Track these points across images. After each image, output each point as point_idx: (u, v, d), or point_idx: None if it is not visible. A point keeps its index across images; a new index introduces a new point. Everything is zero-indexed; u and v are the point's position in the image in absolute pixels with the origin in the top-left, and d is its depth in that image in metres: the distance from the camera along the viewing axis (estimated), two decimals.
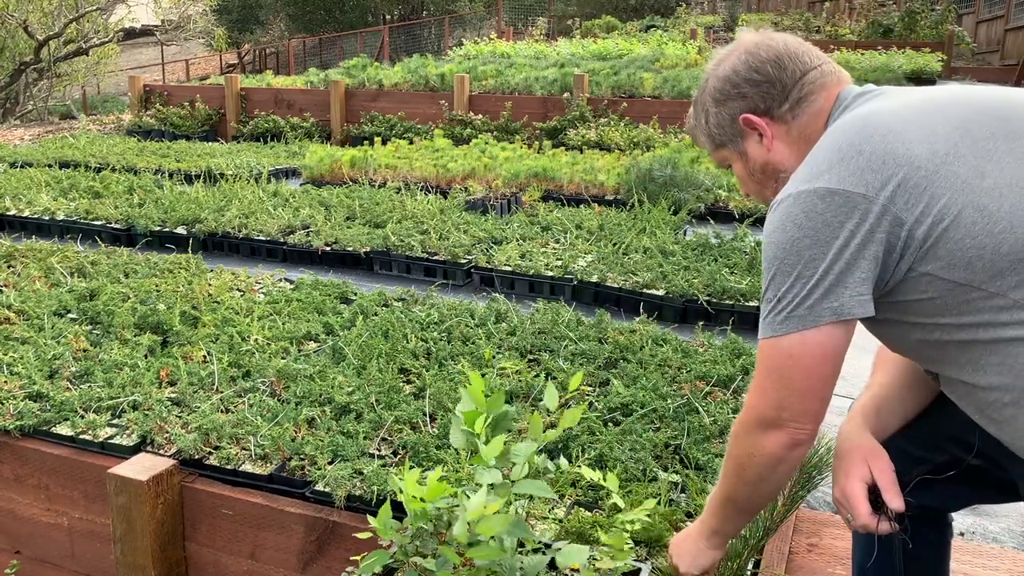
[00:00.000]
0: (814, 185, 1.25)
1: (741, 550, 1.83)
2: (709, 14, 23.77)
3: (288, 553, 2.42)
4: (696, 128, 1.59)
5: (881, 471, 1.42)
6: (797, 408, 1.31)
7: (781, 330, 1.29)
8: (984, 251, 1.18)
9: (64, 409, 2.81)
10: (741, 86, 1.46)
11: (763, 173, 1.51)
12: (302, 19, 26.43)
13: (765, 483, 1.41)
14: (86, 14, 16.27)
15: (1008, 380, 1.23)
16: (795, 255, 1.26)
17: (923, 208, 1.19)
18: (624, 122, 8.98)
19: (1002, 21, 16.91)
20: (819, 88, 1.43)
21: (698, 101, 1.57)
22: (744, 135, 1.50)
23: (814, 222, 1.24)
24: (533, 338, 3.34)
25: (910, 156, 1.21)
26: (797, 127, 1.44)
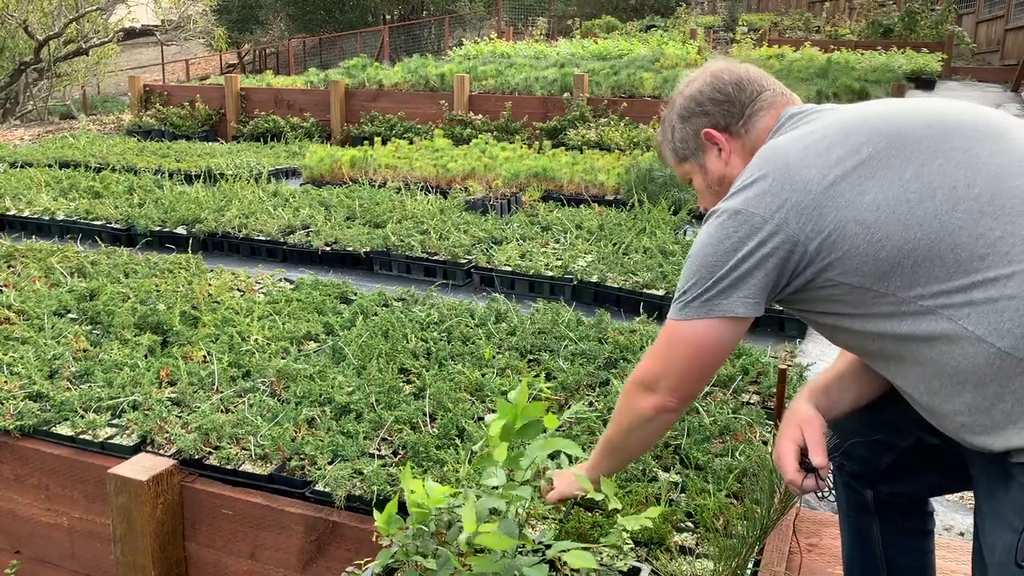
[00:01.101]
0: (728, 204, 1.46)
1: (740, 549, 1.83)
2: (709, 14, 23.77)
3: (288, 553, 2.42)
4: (663, 143, 1.77)
5: (810, 433, 1.54)
6: (673, 382, 1.57)
7: (680, 316, 1.52)
8: (867, 258, 1.35)
9: (64, 409, 2.81)
10: (705, 104, 1.65)
11: (720, 185, 1.66)
12: (302, 19, 26.43)
13: (634, 434, 1.68)
14: (86, 14, 16.26)
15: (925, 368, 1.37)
16: (702, 260, 1.48)
17: (813, 226, 1.37)
18: (624, 122, 8.98)
19: (1002, 21, 16.91)
20: (768, 106, 1.62)
21: (665, 119, 1.75)
22: (705, 149, 1.68)
23: (721, 236, 1.45)
24: (533, 338, 3.34)
25: (804, 181, 1.39)
26: (749, 141, 1.62)
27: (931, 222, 1.32)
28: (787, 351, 3.39)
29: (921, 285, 1.33)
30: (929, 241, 1.32)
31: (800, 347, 3.75)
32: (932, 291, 1.32)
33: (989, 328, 1.27)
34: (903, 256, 1.33)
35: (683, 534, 2.17)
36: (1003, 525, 1.29)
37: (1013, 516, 1.28)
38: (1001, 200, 1.30)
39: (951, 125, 1.40)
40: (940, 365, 1.33)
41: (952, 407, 1.34)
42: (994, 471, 1.34)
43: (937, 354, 1.33)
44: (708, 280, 1.46)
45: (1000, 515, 1.31)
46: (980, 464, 1.39)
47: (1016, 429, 1.27)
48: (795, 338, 3.84)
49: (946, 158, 1.36)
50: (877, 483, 1.69)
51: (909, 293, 1.34)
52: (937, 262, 1.31)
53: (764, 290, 1.44)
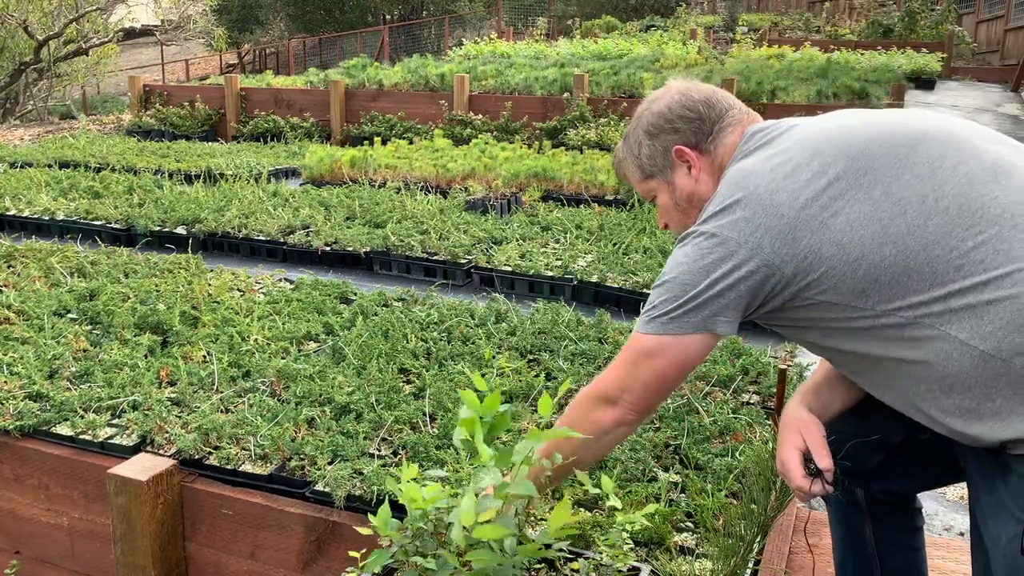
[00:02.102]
0: (704, 227, 1.47)
1: (738, 548, 1.83)
2: (709, 14, 23.77)
3: (288, 553, 2.42)
4: (626, 160, 1.75)
5: (811, 437, 1.55)
6: (635, 396, 1.57)
7: (648, 330, 1.53)
8: (845, 277, 1.37)
9: (64, 409, 2.81)
10: (675, 121, 1.65)
11: (688, 203, 1.67)
12: (302, 19, 26.42)
13: (587, 449, 1.63)
14: (86, 14, 16.26)
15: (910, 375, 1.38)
16: (675, 278, 1.49)
17: (788, 250, 1.39)
18: (624, 122, 8.97)
19: (1002, 21, 16.91)
20: (735, 123, 1.63)
21: (630, 135, 1.73)
22: (674, 167, 1.67)
23: (696, 256, 1.46)
24: (533, 338, 3.34)
25: (775, 205, 1.40)
26: (716, 158, 1.63)
27: (905, 238, 1.34)
28: (787, 351, 3.39)
29: (900, 298, 1.35)
30: (905, 257, 1.34)
31: (800, 347, 3.74)
32: (911, 303, 1.34)
33: (971, 332, 1.29)
34: (880, 273, 1.35)
35: (683, 534, 2.17)
36: (1006, 516, 1.31)
37: (1015, 507, 1.30)
38: (970, 210, 1.33)
39: (913, 139, 1.42)
40: (925, 372, 1.35)
41: (940, 410, 1.36)
42: (991, 464, 1.35)
43: (921, 361, 1.35)
44: (681, 298, 1.47)
45: (1002, 506, 1.32)
46: (975, 458, 1.40)
47: (1005, 423, 1.29)
48: None
49: (912, 173, 1.38)
50: (868, 481, 1.69)
51: (888, 306, 1.36)
52: (914, 276, 1.33)
53: (736, 310, 1.46)
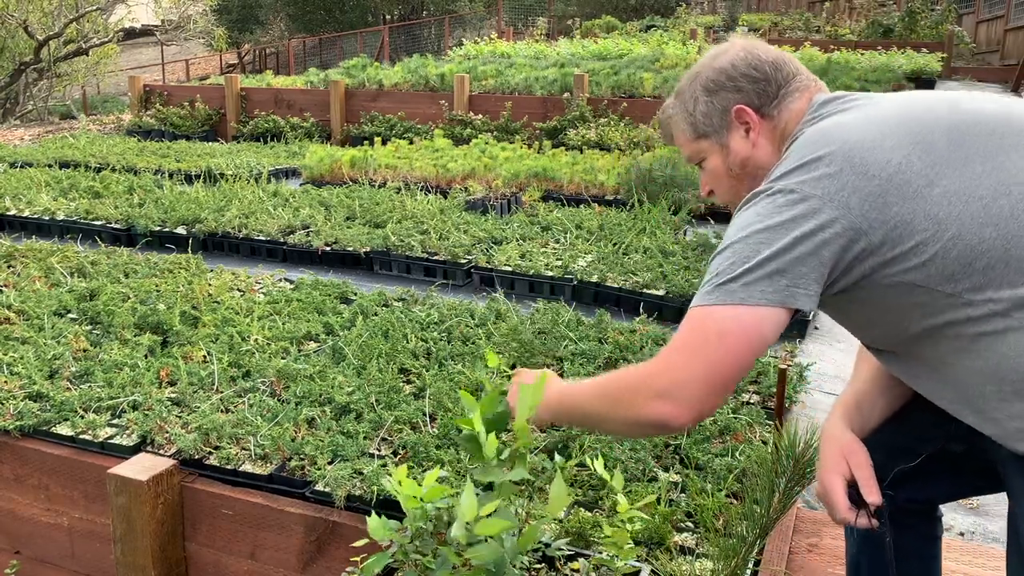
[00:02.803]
0: (778, 184, 1.31)
1: (739, 548, 1.83)
2: (709, 14, 23.78)
3: (288, 553, 2.42)
4: (676, 117, 1.59)
5: (858, 466, 1.45)
6: (694, 392, 1.28)
7: (712, 300, 1.27)
8: (935, 256, 1.24)
9: (64, 409, 2.81)
10: (738, 80, 1.50)
11: (742, 168, 1.52)
12: (302, 19, 26.42)
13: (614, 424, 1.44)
14: (86, 14, 16.26)
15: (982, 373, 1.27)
16: (746, 238, 1.29)
17: (877, 215, 1.25)
18: (624, 122, 8.98)
19: (1002, 21, 16.91)
20: (802, 90, 1.49)
21: (685, 90, 1.57)
22: (730, 128, 1.52)
23: (771, 212, 1.28)
24: (533, 338, 3.34)
25: (866, 165, 1.26)
26: (779, 124, 1.48)
27: (1008, 221, 1.22)
28: (787, 351, 3.39)
29: (992, 288, 1.23)
30: (1005, 242, 1.22)
31: (800, 347, 3.75)
32: (1004, 295, 1.22)
33: None
34: (975, 256, 1.23)
35: (683, 534, 2.17)
36: None
37: None
38: None
39: (1013, 120, 1.31)
40: (1004, 370, 1.25)
41: (1008, 412, 1.27)
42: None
43: (1002, 358, 1.24)
44: (753, 259, 1.26)
45: None
46: (1017, 465, 1.32)
47: None
48: (795, 338, 3.84)
49: (1019, 153, 1.26)
50: (892, 488, 1.61)
51: (978, 296, 1.24)
52: (1013, 264, 1.22)
53: (819, 283, 1.27)
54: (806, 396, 3.10)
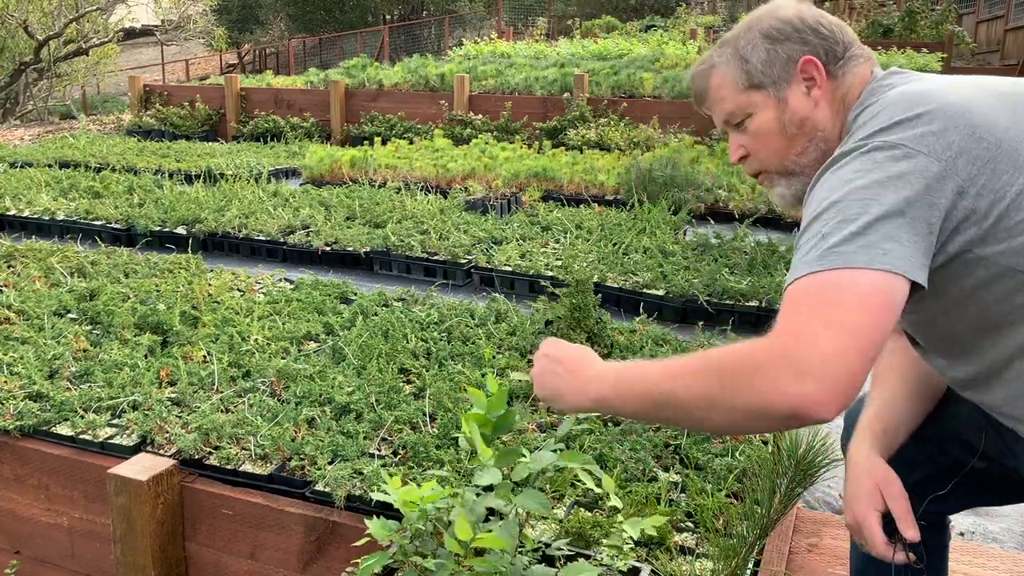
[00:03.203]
0: (876, 140, 1.15)
1: (739, 548, 1.83)
2: (709, 14, 23.76)
3: (288, 553, 2.42)
4: (725, 64, 1.39)
5: (894, 499, 1.37)
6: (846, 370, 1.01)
7: (832, 263, 1.06)
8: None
9: (64, 409, 2.81)
10: (805, 32, 1.36)
11: (799, 128, 1.35)
12: (302, 19, 26.43)
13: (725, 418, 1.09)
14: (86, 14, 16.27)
15: None
16: (850, 194, 1.11)
17: (985, 181, 1.11)
18: (624, 122, 8.98)
19: (1002, 21, 16.91)
20: (864, 58, 1.36)
21: (738, 38, 1.39)
22: (792, 81, 1.35)
23: (875, 171, 1.11)
24: (533, 338, 3.34)
25: (972, 127, 1.13)
26: (843, 88, 1.34)
27: None
28: None
29: None
30: None
31: None
32: None
33: None
34: None
35: (683, 534, 2.17)
36: None
37: None
38: None
39: None
40: None
41: None
42: None
43: None
44: (861, 218, 1.07)
45: None
46: None
47: None
48: None
49: None
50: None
51: None
52: None
53: (927, 254, 1.09)
54: None
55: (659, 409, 1.15)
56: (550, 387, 1.31)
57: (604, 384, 1.23)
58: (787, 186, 1.40)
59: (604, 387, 1.22)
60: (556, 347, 1.34)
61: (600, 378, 1.24)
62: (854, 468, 1.44)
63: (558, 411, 1.33)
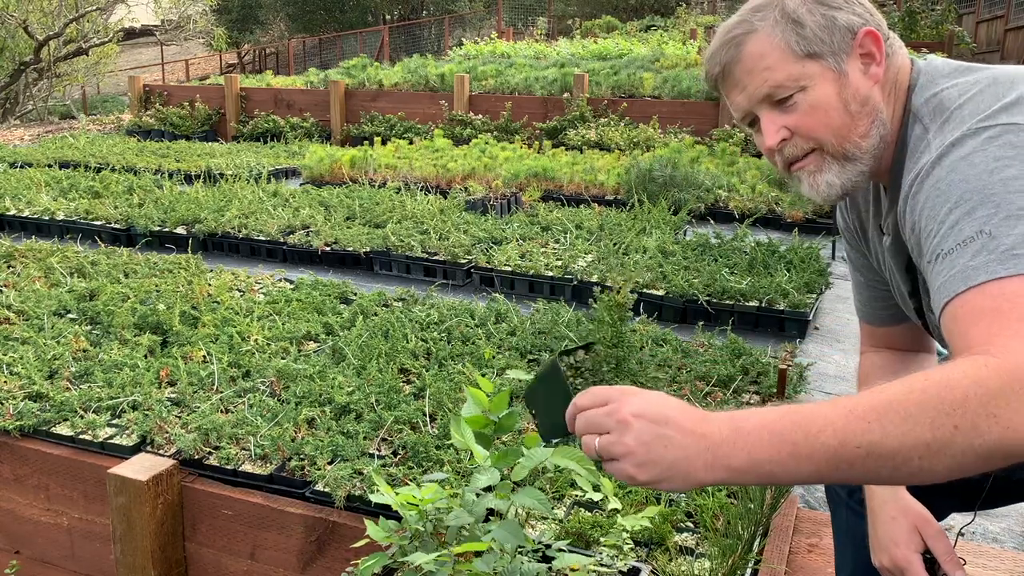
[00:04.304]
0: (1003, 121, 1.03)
1: (736, 547, 1.83)
2: (709, 14, 23.76)
3: (288, 553, 2.42)
4: (768, 28, 1.19)
5: (934, 539, 1.29)
6: None
7: (1011, 269, 0.93)
8: None
9: (64, 409, 2.81)
10: (855, 5, 1.20)
11: (862, 106, 1.19)
12: (302, 19, 26.43)
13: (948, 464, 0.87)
14: (86, 14, 16.27)
15: None
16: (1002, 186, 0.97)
17: None
18: (624, 122, 8.98)
19: (1002, 21, 16.91)
20: (900, 48, 1.25)
21: (784, 2, 1.20)
22: (850, 54, 1.18)
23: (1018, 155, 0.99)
24: (533, 338, 3.34)
25: None
26: (892, 70, 1.22)
27: None
28: (787, 351, 3.39)
29: None
30: None
31: (800, 347, 3.75)
32: None
33: None
34: None
35: (683, 534, 2.17)
36: None
37: None
38: None
39: None
40: None
41: None
42: None
43: None
44: None
45: None
46: None
47: None
48: (795, 338, 3.84)
49: None
50: None
51: None
52: None
53: None
54: (806, 396, 3.10)
55: (851, 467, 0.89)
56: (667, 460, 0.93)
57: (751, 445, 0.91)
58: (840, 173, 1.22)
59: (753, 449, 0.91)
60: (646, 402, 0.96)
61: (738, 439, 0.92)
62: (884, 507, 1.33)
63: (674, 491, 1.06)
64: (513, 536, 1.40)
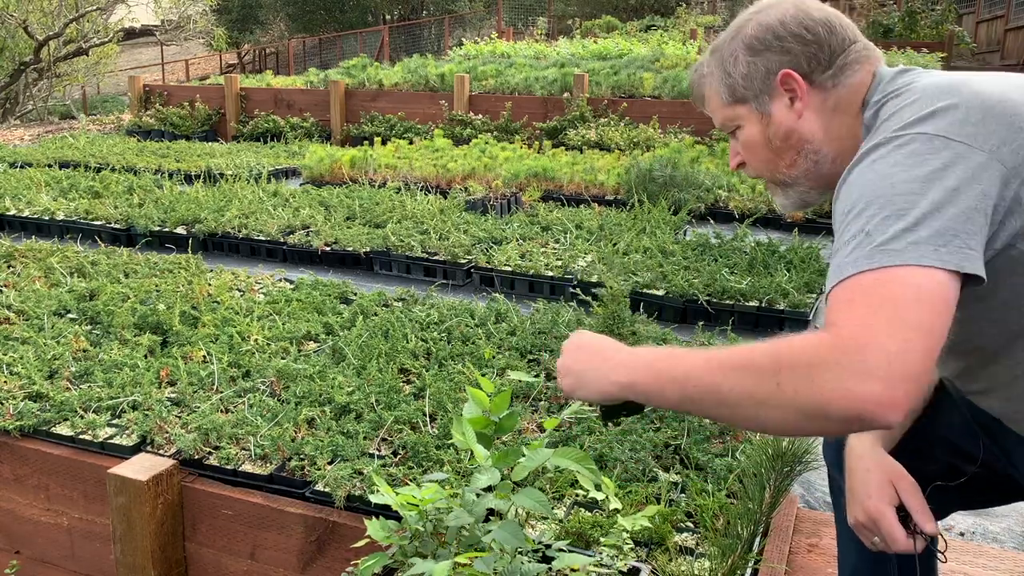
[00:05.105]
0: (913, 131, 1.10)
1: (735, 546, 1.83)
2: (709, 14, 23.76)
3: (288, 553, 2.42)
4: (711, 76, 1.38)
5: (908, 493, 1.34)
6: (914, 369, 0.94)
7: (883, 261, 1.00)
8: None
9: (64, 409, 2.80)
10: (787, 40, 1.30)
11: (784, 141, 1.32)
12: (302, 19, 26.43)
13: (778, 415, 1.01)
14: (86, 14, 16.27)
15: None
16: (893, 188, 1.05)
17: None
18: (624, 122, 8.98)
19: (1002, 21, 16.91)
20: (863, 60, 1.30)
21: (723, 47, 1.36)
22: (773, 95, 1.31)
23: (915, 162, 1.06)
24: (533, 338, 3.34)
25: (1007, 116, 1.09)
26: (835, 97, 1.29)
27: None
28: None
29: None
30: None
31: None
32: None
33: None
34: None
35: (683, 534, 2.17)
36: None
37: None
38: None
39: None
40: None
41: None
42: None
43: None
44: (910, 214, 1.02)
45: None
46: None
47: None
48: None
49: None
50: None
51: None
52: None
53: (981, 244, 1.03)
54: None
55: (698, 403, 1.08)
56: (574, 372, 1.23)
57: (633, 368, 1.15)
58: (783, 196, 1.40)
59: (634, 371, 1.15)
60: (580, 335, 1.27)
61: (629, 363, 1.16)
62: (859, 462, 1.40)
63: (582, 400, 1.26)
64: (513, 537, 1.40)
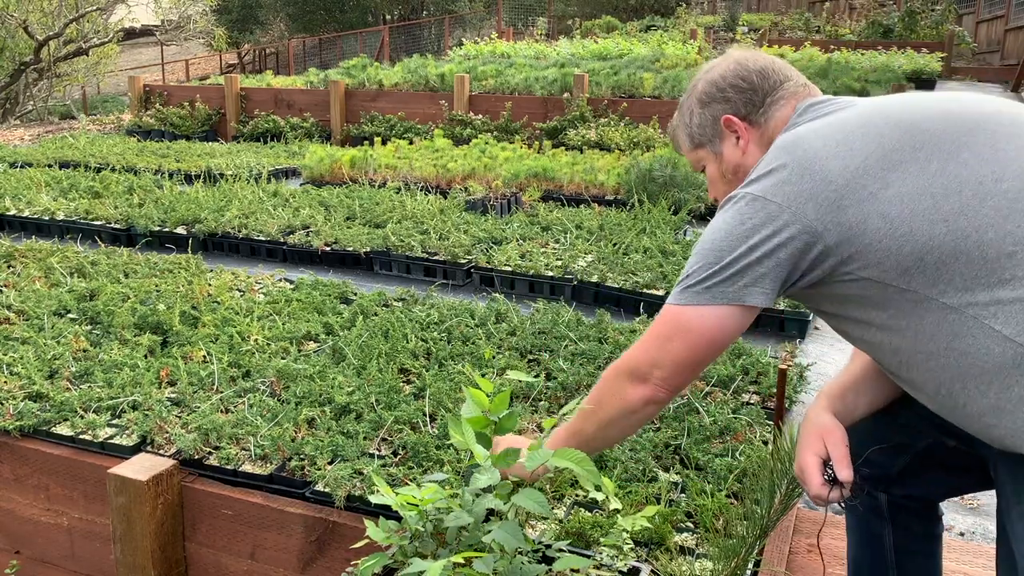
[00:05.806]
0: (745, 190, 1.42)
1: (739, 549, 1.83)
2: (709, 14, 23.75)
3: (288, 553, 2.42)
4: (679, 128, 1.73)
5: (833, 444, 1.51)
6: (667, 372, 1.49)
7: (683, 300, 1.45)
8: (889, 253, 1.30)
9: (64, 409, 2.81)
10: (726, 91, 1.62)
11: (734, 174, 1.63)
12: (302, 19, 26.42)
13: (615, 426, 1.60)
14: (86, 14, 16.26)
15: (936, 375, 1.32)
16: (712, 243, 1.42)
17: (832, 218, 1.33)
18: (624, 122, 8.98)
19: (1002, 21, 16.90)
20: (789, 97, 1.59)
21: (684, 104, 1.71)
22: (722, 137, 1.64)
23: (735, 221, 1.40)
24: (533, 338, 3.34)
25: (824, 172, 1.35)
26: (767, 131, 1.59)
27: (957, 218, 1.27)
28: (787, 351, 3.39)
29: (944, 282, 1.27)
30: (955, 237, 1.26)
31: (800, 347, 3.75)
32: (956, 288, 1.27)
33: (1017, 328, 1.22)
34: (927, 252, 1.28)
35: (683, 534, 2.17)
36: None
37: None
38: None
39: (974, 118, 1.36)
40: (964, 366, 1.28)
41: (977, 408, 1.29)
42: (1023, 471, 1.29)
43: (960, 354, 1.28)
44: (716, 264, 1.40)
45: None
46: (1007, 466, 1.33)
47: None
48: (795, 338, 3.84)
49: (972, 152, 1.31)
50: (890, 486, 1.66)
51: (932, 291, 1.29)
52: (962, 259, 1.26)
53: (776, 281, 1.38)
54: (806, 396, 3.10)
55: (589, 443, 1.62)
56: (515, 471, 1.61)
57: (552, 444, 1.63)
58: None
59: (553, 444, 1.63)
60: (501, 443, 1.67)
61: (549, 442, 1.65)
62: (804, 423, 1.59)
63: None
64: (513, 537, 1.40)
